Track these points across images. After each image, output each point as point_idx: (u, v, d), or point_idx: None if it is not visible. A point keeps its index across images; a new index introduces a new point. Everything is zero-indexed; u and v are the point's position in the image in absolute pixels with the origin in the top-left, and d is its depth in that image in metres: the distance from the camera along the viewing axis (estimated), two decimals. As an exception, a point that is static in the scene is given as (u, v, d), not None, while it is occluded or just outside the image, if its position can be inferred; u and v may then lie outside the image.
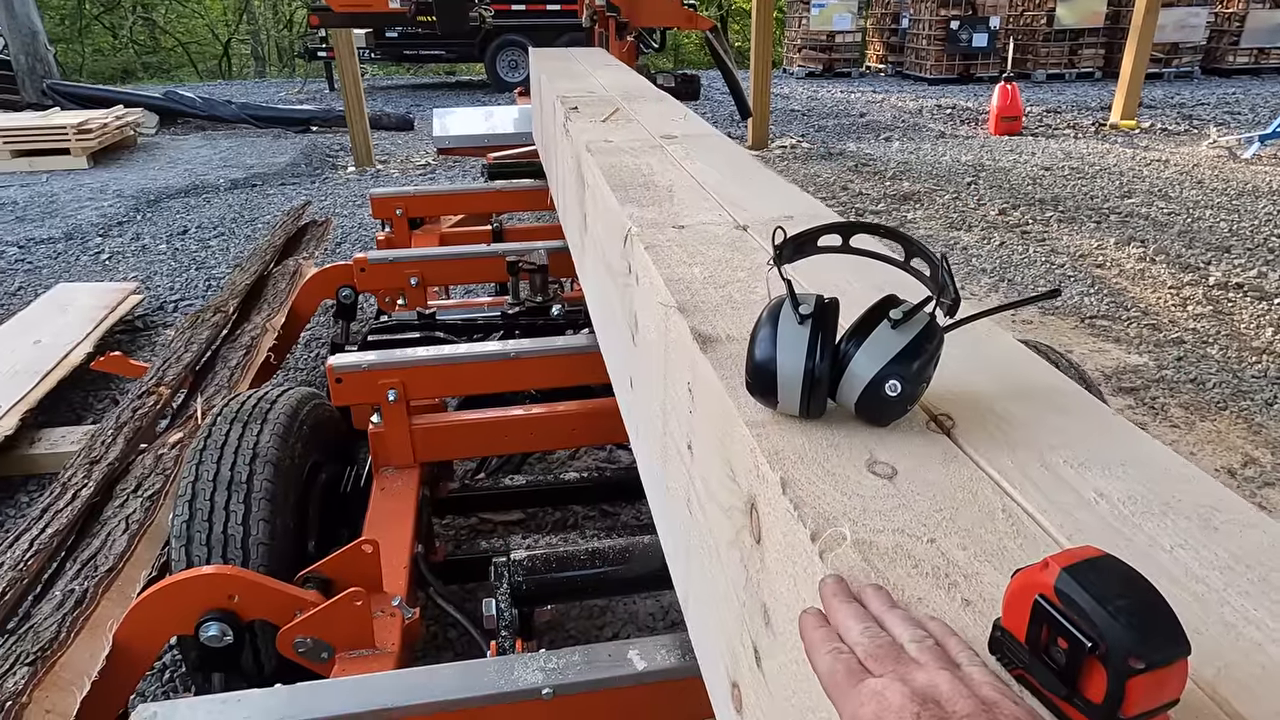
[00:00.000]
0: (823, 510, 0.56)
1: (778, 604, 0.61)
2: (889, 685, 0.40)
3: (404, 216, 2.95)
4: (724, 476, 0.74)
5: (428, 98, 12.08)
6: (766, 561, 0.63)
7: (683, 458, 0.91)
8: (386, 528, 1.62)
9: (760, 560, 0.64)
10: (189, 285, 4.30)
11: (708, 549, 0.82)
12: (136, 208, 5.84)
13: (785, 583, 0.59)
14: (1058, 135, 7.99)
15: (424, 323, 2.04)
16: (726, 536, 0.74)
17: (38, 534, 1.47)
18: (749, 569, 0.68)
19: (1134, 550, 0.52)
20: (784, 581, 0.59)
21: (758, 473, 0.64)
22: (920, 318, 0.64)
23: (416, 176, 6.83)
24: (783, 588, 0.59)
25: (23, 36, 9.28)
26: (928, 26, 12.14)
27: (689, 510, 0.90)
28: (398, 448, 1.78)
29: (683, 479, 0.92)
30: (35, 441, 2.71)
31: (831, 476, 0.60)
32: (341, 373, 1.71)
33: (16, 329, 3.31)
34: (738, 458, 0.69)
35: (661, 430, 1.02)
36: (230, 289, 2.65)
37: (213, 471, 1.55)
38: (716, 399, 0.75)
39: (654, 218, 1.21)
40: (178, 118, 9.22)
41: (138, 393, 2.00)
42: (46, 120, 7.16)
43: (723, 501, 0.75)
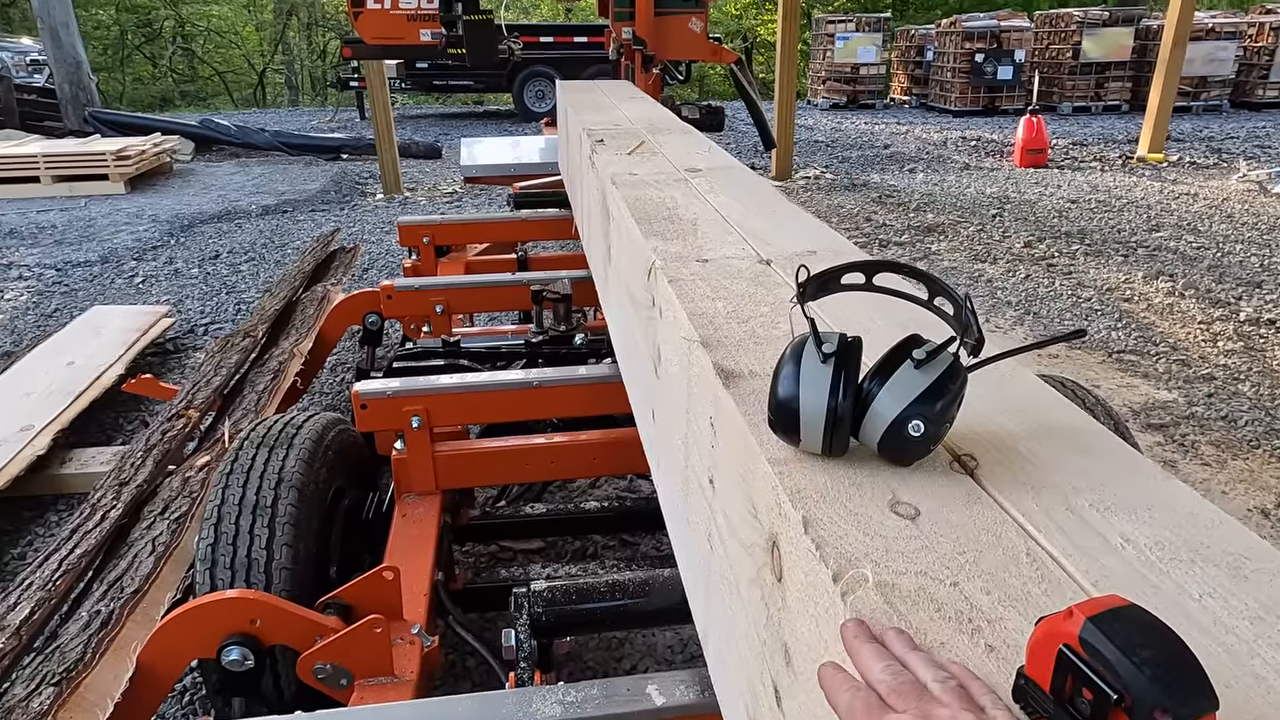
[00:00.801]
0: (845, 551, 0.56)
1: (799, 644, 0.61)
2: None
3: (431, 244, 2.99)
4: (746, 513, 0.74)
5: (456, 126, 12.30)
6: (788, 600, 0.63)
7: (704, 492, 0.91)
8: (407, 554, 1.63)
9: (782, 599, 0.64)
10: (219, 309, 4.38)
11: (728, 584, 0.81)
12: (170, 232, 5.97)
13: (807, 623, 0.59)
14: (1084, 168, 7.96)
15: (448, 350, 2.06)
16: (748, 573, 0.74)
17: (66, 554, 1.49)
18: (770, 607, 0.67)
19: (1161, 598, 0.52)
20: (805, 621, 0.59)
21: (780, 510, 0.64)
22: (944, 357, 0.64)
23: (444, 204, 6.93)
24: (804, 628, 0.59)
25: (67, 66, 9.58)
26: (952, 59, 12.19)
27: (710, 544, 0.89)
28: (420, 474, 1.80)
29: (704, 513, 0.92)
30: (66, 461, 2.76)
31: (854, 516, 0.60)
32: (367, 399, 1.73)
33: (51, 350, 3.39)
34: (760, 494, 0.69)
35: (684, 463, 1.02)
36: (260, 314, 2.70)
37: (238, 495, 1.56)
38: (739, 435, 0.75)
39: (678, 251, 1.22)
40: (213, 145, 9.45)
41: (167, 415, 2.03)
42: (87, 147, 7.36)
43: (744, 538, 0.75)
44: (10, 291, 4.74)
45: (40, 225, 6.15)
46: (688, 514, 1.02)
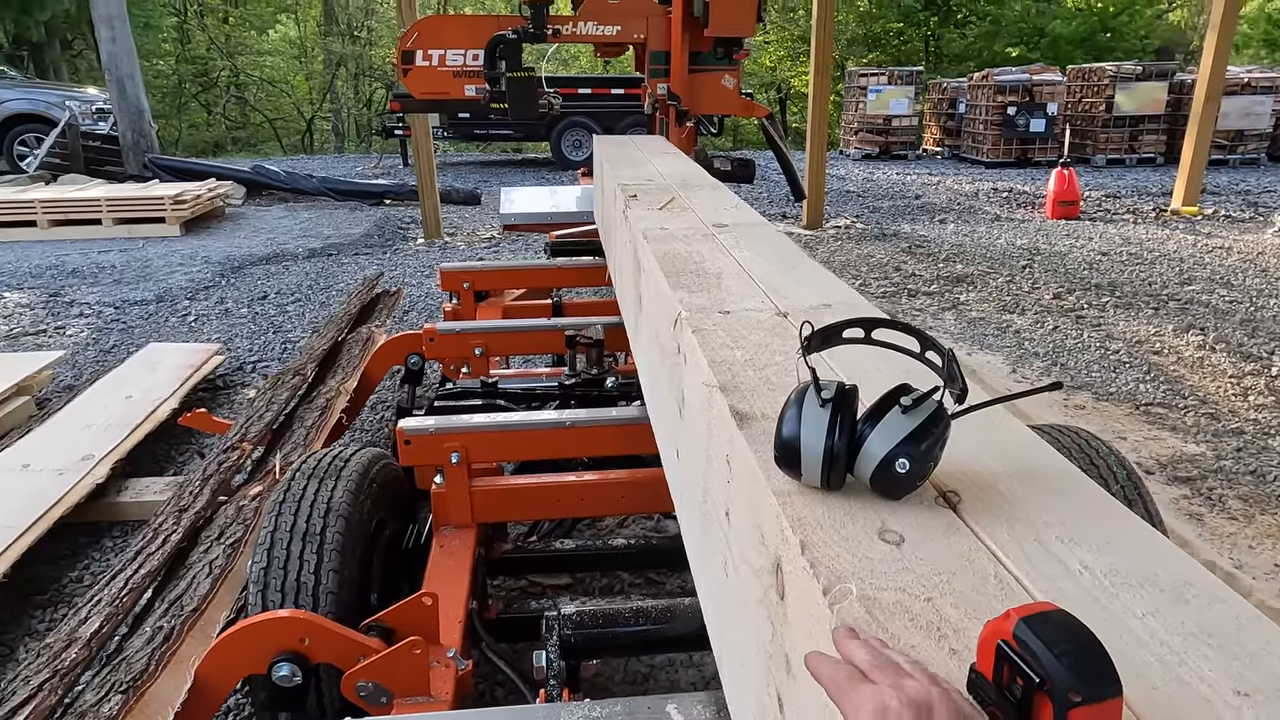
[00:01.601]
0: (835, 569, 0.65)
1: (797, 653, 0.69)
2: (887, 691, 0.48)
3: (471, 290, 3.13)
4: (755, 540, 0.83)
5: (495, 174, 12.65)
6: (789, 615, 0.71)
7: (721, 524, 1.00)
8: (445, 583, 1.72)
9: (784, 615, 0.73)
10: (266, 347, 4.57)
11: (739, 608, 0.90)
12: (222, 273, 6.24)
13: (804, 633, 0.67)
14: (1116, 220, 7.97)
15: (486, 390, 2.17)
16: (756, 595, 0.82)
17: (131, 574, 1.61)
18: (774, 624, 0.76)
19: (1109, 616, 0.60)
20: (803, 632, 0.68)
21: (783, 536, 0.73)
22: (929, 404, 0.73)
23: (482, 249, 7.14)
24: (802, 638, 0.68)
25: (131, 115, 10.09)
26: (984, 111, 12.32)
27: (725, 572, 0.98)
28: (458, 508, 1.90)
29: (720, 544, 1.00)
30: (122, 490, 2.91)
31: (846, 541, 0.69)
32: (410, 435, 1.85)
33: (111, 384, 3.57)
34: (767, 523, 0.78)
35: (702, 499, 1.11)
36: (309, 353, 2.85)
37: (290, 523, 1.68)
38: (750, 470, 0.84)
39: (702, 303, 1.33)
40: (263, 189, 9.84)
41: (223, 448, 2.16)
42: (146, 191, 7.73)
43: (754, 563, 0.84)
44: (72, 328, 4.99)
45: (100, 265, 6.46)
46: (706, 546, 1.11)
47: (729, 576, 0.96)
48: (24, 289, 5.85)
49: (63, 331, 4.93)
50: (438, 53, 4.63)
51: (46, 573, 2.59)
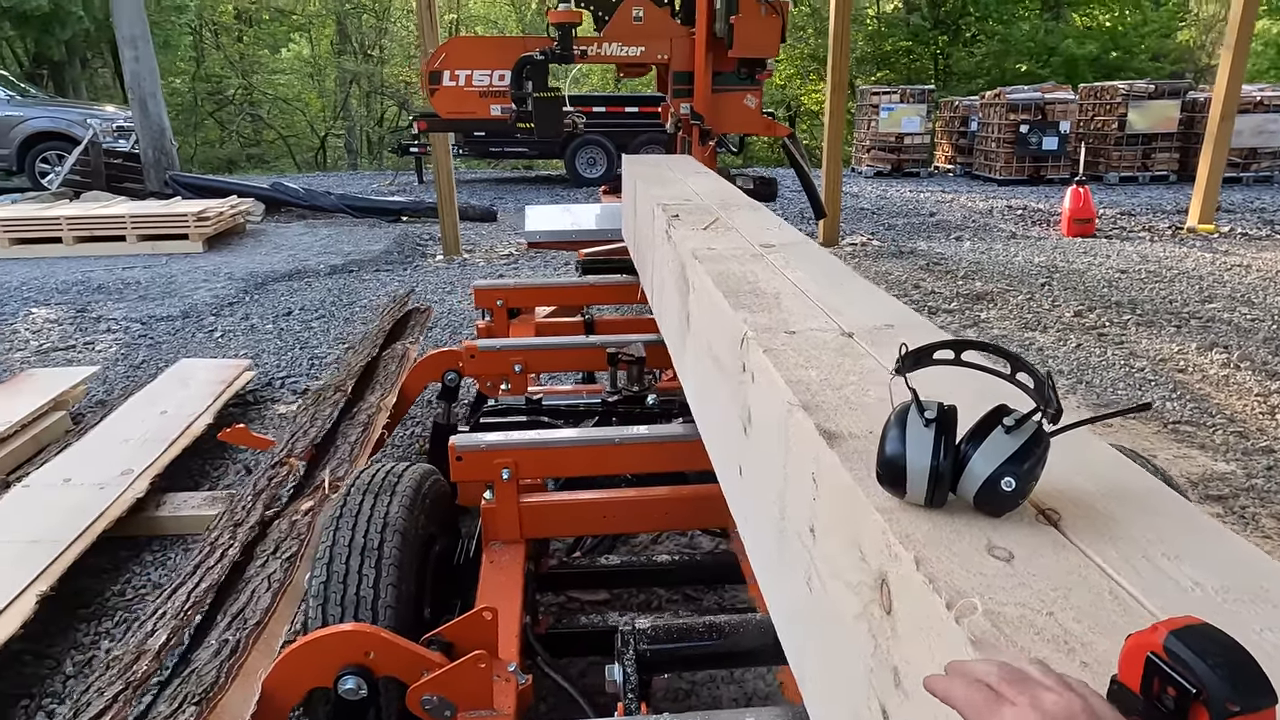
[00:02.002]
0: (954, 585, 0.67)
1: (909, 666, 0.71)
2: (1029, 713, 0.49)
3: (504, 307, 3.17)
4: (852, 556, 0.85)
5: (509, 191, 12.75)
6: (898, 629, 0.73)
7: (803, 540, 1.02)
8: (498, 598, 1.74)
9: (891, 629, 0.75)
10: (294, 363, 4.61)
11: (830, 622, 0.92)
12: (245, 289, 6.30)
13: (917, 647, 0.69)
14: (1133, 238, 7.99)
15: (531, 407, 2.20)
16: (852, 610, 0.84)
17: (192, 588, 1.64)
18: (877, 638, 0.78)
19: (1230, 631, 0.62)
20: (916, 646, 0.70)
21: (890, 552, 0.75)
22: (1030, 424, 0.75)
23: (501, 266, 7.20)
24: (915, 651, 0.70)
25: (152, 133, 10.23)
26: (997, 130, 12.37)
27: (808, 588, 1.00)
28: (507, 523, 1.92)
29: (802, 559, 1.02)
30: (161, 505, 2.94)
31: (956, 557, 0.71)
32: (462, 451, 1.87)
33: (145, 400, 3.61)
34: (868, 539, 0.80)
35: (778, 515, 1.13)
36: (347, 370, 2.88)
37: (348, 537, 1.70)
38: (844, 488, 0.86)
39: (766, 323, 1.35)
40: (282, 206, 9.93)
41: (270, 463, 2.19)
42: (170, 209, 7.83)
43: (849, 578, 0.86)
44: (101, 343, 5.04)
45: (126, 281, 6.54)
46: (782, 561, 1.13)
47: (814, 591, 0.98)
48: (51, 305, 5.92)
49: (92, 347, 4.98)
50: (465, 73, 4.69)
51: (90, 586, 2.62)
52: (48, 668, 2.26)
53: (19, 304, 5.94)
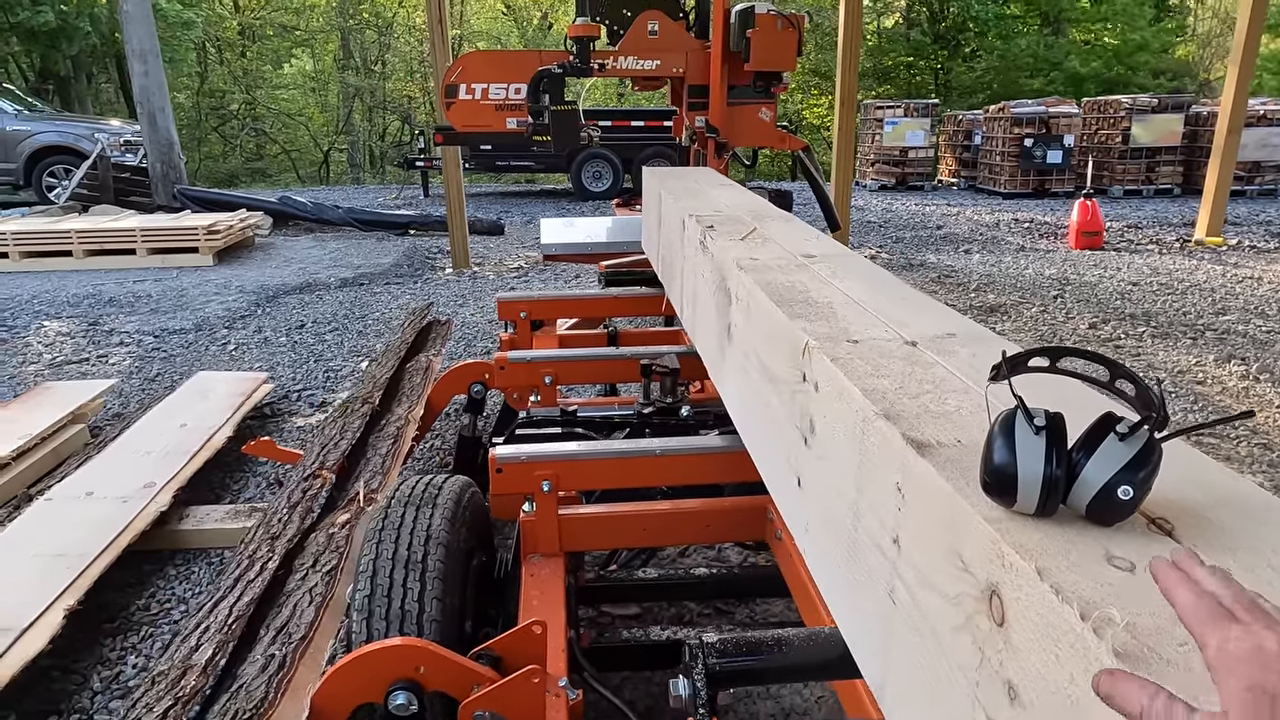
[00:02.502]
0: (1083, 595, 0.65)
1: (1028, 680, 0.69)
2: (1265, 634, 0.46)
3: (527, 319, 3.16)
4: (950, 567, 0.83)
5: (515, 204, 12.78)
6: (1013, 642, 0.72)
7: (883, 551, 1.00)
8: (542, 612, 1.72)
9: (1005, 641, 0.73)
10: (309, 376, 4.59)
11: (921, 635, 0.90)
12: (257, 303, 6.29)
13: (1039, 660, 0.68)
14: (1141, 251, 8.00)
15: (566, 419, 2.19)
16: (951, 622, 0.83)
17: (234, 602, 1.62)
18: (985, 650, 0.76)
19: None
20: (1037, 659, 0.68)
21: (1002, 562, 0.73)
22: (1143, 432, 0.74)
23: (511, 279, 7.20)
24: (1037, 664, 0.68)
25: (160, 147, 10.26)
26: (1001, 143, 12.42)
27: (892, 600, 0.98)
28: (546, 536, 1.90)
29: (882, 571, 1.01)
30: (183, 518, 2.92)
31: (1076, 567, 0.69)
32: (503, 463, 1.86)
33: (164, 413, 3.60)
34: (972, 549, 0.79)
35: (851, 527, 1.12)
36: (372, 382, 2.87)
37: (391, 550, 1.68)
38: (941, 498, 0.85)
39: (826, 332, 1.34)
40: (289, 220, 9.95)
41: (303, 475, 2.18)
42: (180, 222, 7.83)
43: (947, 590, 0.84)
44: (114, 356, 5.03)
45: (137, 294, 6.53)
46: (856, 573, 1.11)
47: (899, 604, 0.96)
48: (63, 318, 5.91)
49: (105, 360, 4.97)
50: (481, 86, 4.70)
51: (114, 600, 2.60)
52: (74, 683, 2.24)
53: (30, 317, 5.93)
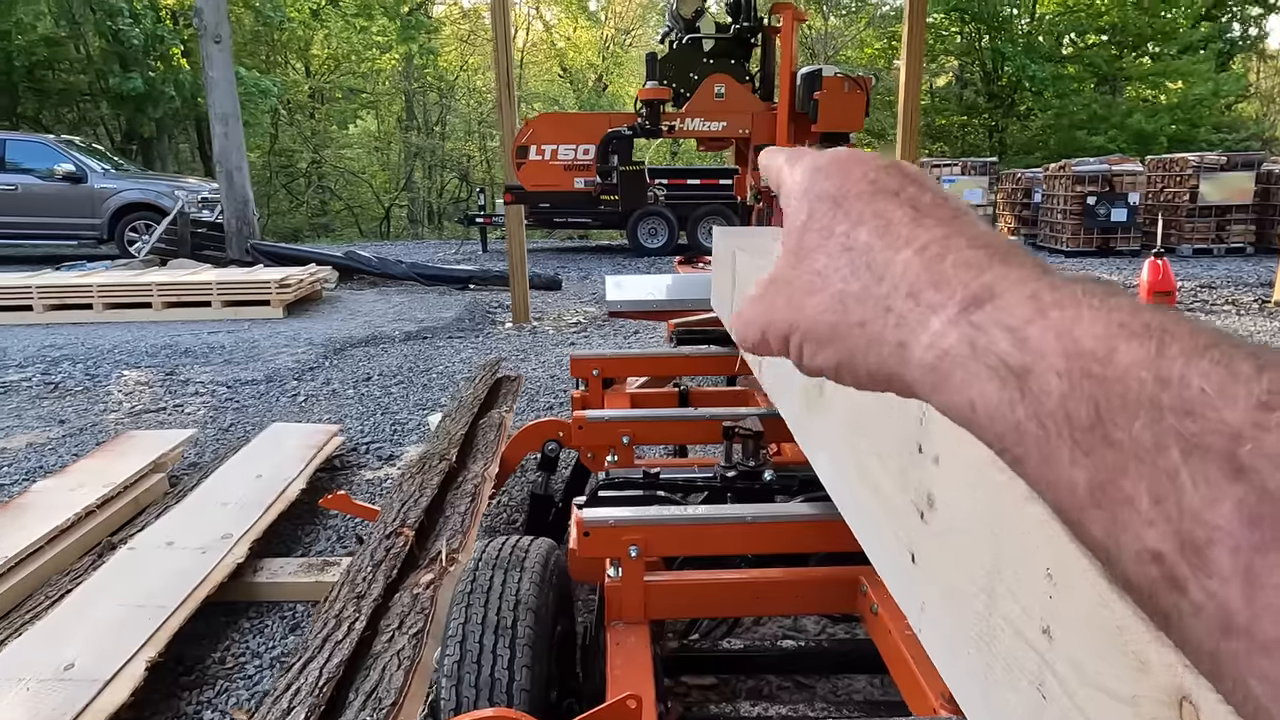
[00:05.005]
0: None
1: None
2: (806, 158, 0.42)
3: (600, 376, 3.15)
4: (1122, 665, 0.77)
5: (570, 260, 12.98)
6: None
7: (1028, 640, 0.94)
8: (631, 683, 1.67)
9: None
10: (376, 428, 4.65)
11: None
12: (325, 355, 6.44)
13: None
14: (1217, 311, 7.74)
15: (647, 481, 2.16)
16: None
17: (323, 663, 1.60)
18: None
19: None
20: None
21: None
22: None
23: (570, 333, 7.26)
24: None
25: (236, 204, 10.72)
26: (1063, 201, 12.26)
27: (1041, 694, 0.92)
28: (631, 602, 1.85)
29: (1028, 662, 0.94)
30: (258, 570, 2.94)
31: None
32: (590, 526, 1.82)
33: (240, 464, 3.66)
34: (1153, 650, 0.73)
35: (983, 610, 1.06)
36: (447, 438, 2.88)
37: (480, 615, 1.66)
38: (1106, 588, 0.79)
39: (941, 402, 1.30)
40: (354, 274, 10.24)
41: (385, 533, 2.18)
42: (253, 276, 8.12)
43: (1117, 690, 0.78)
44: (190, 406, 5.17)
45: (211, 345, 6.74)
46: (989, 660, 1.05)
47: (1049, 699, 0.90)
48: (142, 367, 6.12)
49: (181, 410, 5.11)
50: (550, 148, 4.82)
51: (190, 652, 2.61)
52: (152, 737, 2.24)
53: (111, 366, 6.15)
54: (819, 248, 0.37)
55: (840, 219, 0.37)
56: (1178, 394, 0.25)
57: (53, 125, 18.59)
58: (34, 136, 13.14)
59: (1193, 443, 0.24)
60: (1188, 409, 0.24)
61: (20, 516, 3.07)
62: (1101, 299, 0.29)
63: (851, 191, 0.38)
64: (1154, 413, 0.25)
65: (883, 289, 0.34)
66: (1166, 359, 0.25)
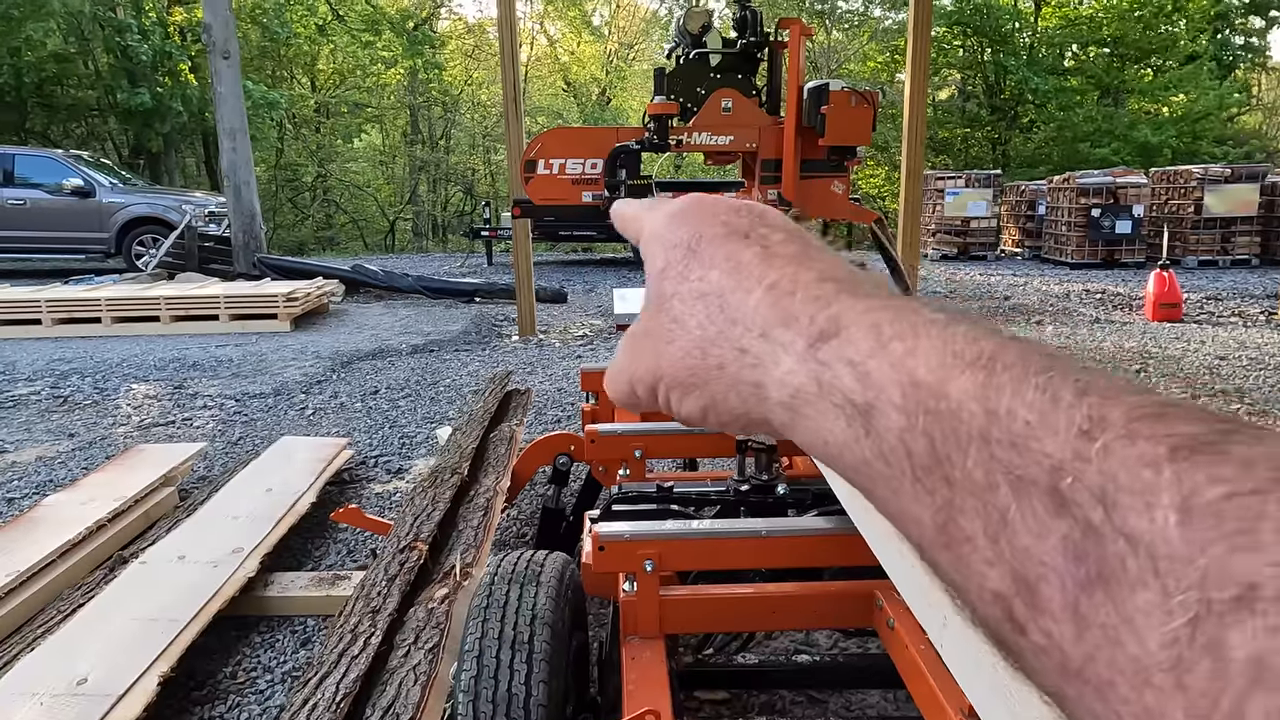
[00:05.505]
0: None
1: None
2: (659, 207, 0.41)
3: (610, 390, 3.16)
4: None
5: (575, 273, 13.01)
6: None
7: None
8: (648, 698, 1.66)
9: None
10: (384, 442, 4.66)
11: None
12: (332, 368, 6.45)
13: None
14: (1224, 323, 7.73)
15: (661, 495, 2.16)
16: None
17: (340, 678, 1.60)
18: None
19: None
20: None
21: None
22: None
23: (577, 346, 7.27)
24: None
25: (244, 218, 10.77)
26: (1067, 213, 12.28)
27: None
28: (647, 617, 1.85)
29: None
30: (269, 585, 2.94)
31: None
32: (605, 541, 1.82)
33: (250, 476, 3.67)
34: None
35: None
36: (459, 451, 2.89)
37: (497, 629, 1.66)
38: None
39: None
40: (361, 287, 10.27)
41: (398, 548, 2.18)
42: (260, 289, 8.15)
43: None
44: (198, 419, 5.18)
45: (218, 359, 6.76)
46: (1013, 674, 1.05)
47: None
48: (150, 381, 6.14)
49: (190, 423, 5.12)
50: (559, 162, 4.84)
51: (201, 666, 2.60)
52: (165, 753, 2.23)
53: (120, 380, 6.17)
54: (674, 295, 0.37)
55: (694, 264, 0.37)
56: (1005, 426, 0.24)
57: (61, 140, 18.74)
58: (43, 151, 13.24)
59: (1019, 477, 0.23)
60: (1013, 441, 0.24)
61: (32, 530, 3.08)
62: (941, 327, 0.28)
63: (705, 235, 0.37)
64: (984, 447, 0.24)
65: (736, 330, 0.34)
66: (994, 389, 0.25)
